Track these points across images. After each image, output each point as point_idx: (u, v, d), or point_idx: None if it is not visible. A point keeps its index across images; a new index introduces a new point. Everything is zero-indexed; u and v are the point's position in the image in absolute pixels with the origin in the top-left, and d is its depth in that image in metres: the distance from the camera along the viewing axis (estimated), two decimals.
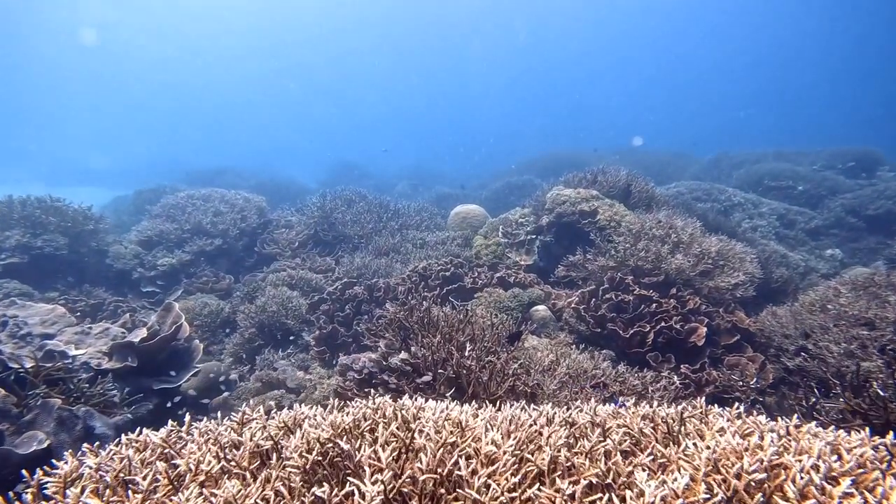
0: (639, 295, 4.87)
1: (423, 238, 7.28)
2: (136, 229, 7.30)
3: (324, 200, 8.66)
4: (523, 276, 5.47)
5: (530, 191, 14.87)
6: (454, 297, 5.23)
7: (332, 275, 7.10)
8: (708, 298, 4.99)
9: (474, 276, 5.42)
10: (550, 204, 6.30)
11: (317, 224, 8.10)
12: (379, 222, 7.99)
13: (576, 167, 19.38)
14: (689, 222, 5.80)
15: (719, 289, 5.03)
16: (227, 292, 6.95)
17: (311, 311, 5.77)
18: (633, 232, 5.57)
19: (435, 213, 9.38)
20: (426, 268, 5.71)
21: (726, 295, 5.00)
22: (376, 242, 7.40)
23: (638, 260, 5.16)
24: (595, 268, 5.41)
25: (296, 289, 6.29)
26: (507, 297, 4.97)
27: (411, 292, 5.46)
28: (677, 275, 5.03)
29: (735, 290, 5.03)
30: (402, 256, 6.97)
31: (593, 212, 5.98)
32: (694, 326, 4.42)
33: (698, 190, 10.91)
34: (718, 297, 5.00)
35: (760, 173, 11.99)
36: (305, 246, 7.90)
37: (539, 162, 21.22)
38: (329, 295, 5.71)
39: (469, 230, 7.51)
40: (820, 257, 8.52)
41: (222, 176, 23.51)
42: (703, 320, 4.55)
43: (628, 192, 6.57)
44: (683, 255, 5.20)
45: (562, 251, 6.19)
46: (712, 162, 15.52)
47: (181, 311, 5.90)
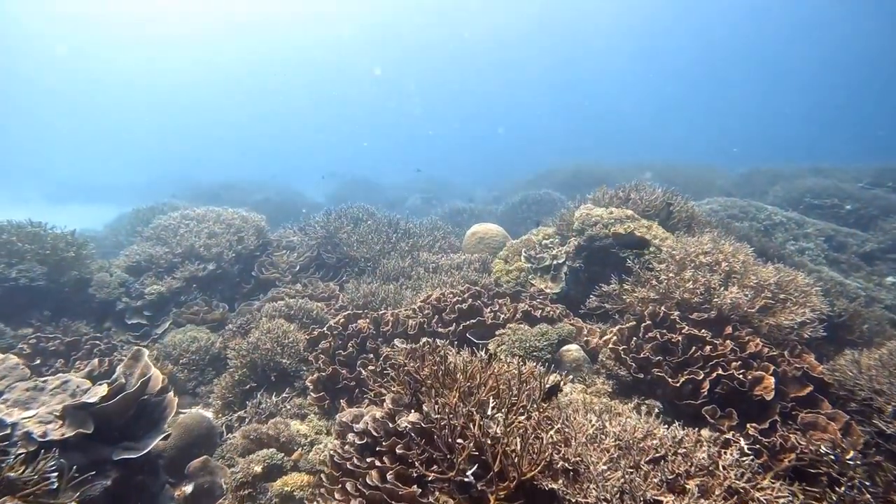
0: (688, 334, 4.28)
1: (437, 261, 6.77)
2: (124, 253, 6.90)
3: (328, 219, 8.21)
4: (550, 309, 4.92)
5: (549, 205, 14.36)
6: (472, 333, 4.69)
7: (335, 303, 6.62)
8: (768, 338, 4.40)
9: (495, 310, 4.88)
10: (579, 225, 5.76)
11: (320, 245, 7.64)
12: (387, 243, 7.50)
13: (596, 181, 18.83)
14: (739, 247, 5.22)
15: (782, 328, 4.43)
16: (221, 322, 6.49)
17: (310, 347, 5.27)
18: (676, 258, 5.00)
19: (449, 231, 8.88)
20: (440, 298, 5.18)
21: (790, 335, 4.39)
22: (384, 266, 6.90)
23: (685, 292, 4.59)
24: (633, 300, 4.84)
25: (294, 320, 5.80)
26: (533, 335, 4.42)
27: (423, 328, 4.93)
28: (732, 311, 4.44)
29: (802, 329, 4.42)
30: (413, 282, 6.46)
31: (629, 234, 5.42)
32: (759, 376, 3.83)
33: (734, 207, 10.30)
34: (781, 338, 4.39)
35: (801, 190, 11.34)
36: (307, 270, 7.44)
37: (557, 174, 20.72)
38: (330, 330, 5.20)
39: (487, 252, 6.99)
40: (880, 285, 7.83)
41: (228, 191, 23.43)
42: (768, 367, 3.95)
43: (668, 213, 6.00)
44: (738, 287, 4.61)
45: (593, 278, 5.63)
46: (744, 177, 14.88)
47: (168, 345, 5.43)
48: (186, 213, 7.56)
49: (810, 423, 3.60)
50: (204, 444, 3.93)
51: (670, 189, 6.47)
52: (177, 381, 5.21)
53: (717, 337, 4.34)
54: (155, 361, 4.90)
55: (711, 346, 4.18)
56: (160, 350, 5.42)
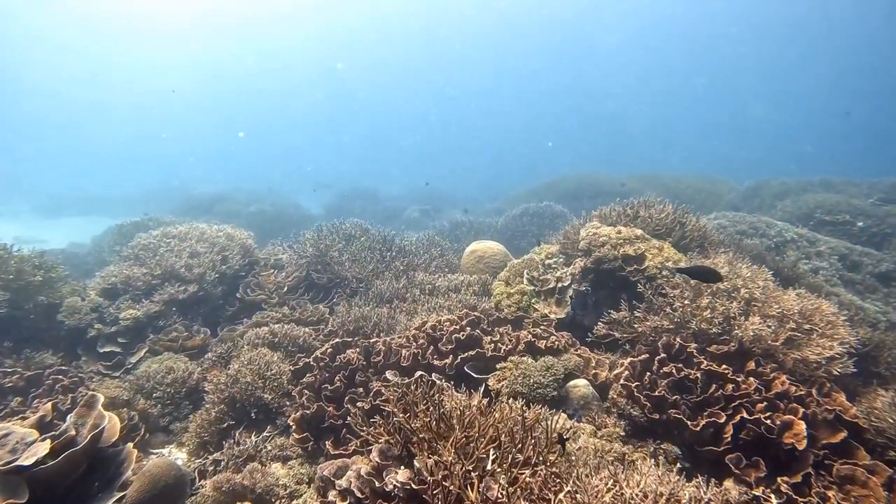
0: (707, 370, 3.95)
1: (433, 282, 6.45)
2: (100, 275, 6.57)
3: (318, 235, 7.90)
4: (556, 339, 4.59)
5: (550, 219, 14.06)
6: (471, 367, 4.35)
7: (324, 327, 6.28)
8: (793, 374, 4.07)
9: (495, 340, 4.54)
10: (586, 244, 5.45)
11: (309, 264, 7.31)
12: (381, 262, 7.18)
13: (599, 193, 18.60)
14: (758, 271, 4.91)
15: (808, 363, 4.10)
16: (202, 349, 6.16)
17: (294, 379, 4.93)
18: (690, 284, 4.68)
19: (446, 248, 8.57)
20: (435, 326, 4.85)
21: (818, 371, 4.06)
22: (377, 287, 6.58)
23: (702, 322, 4.27)
24: (646, 329, 4.52)
25: (279, 348, 5.47)
26: (537, 369, 4.08)
27: (417, 359, 4.60)
28: (753, 343, 4.11)
29: (830, 365, 4.09)
30: (408, 305, 6.14)
31: (640, 256, 5.11)
32: (788, 421, 3.49)
33: (742, 223, 10.00)
34: (808, 374, 4.06)
35: (811, 205, 11.05)
36: (296, 291, 7.11)
37: (559, 185, 20.46)
38: (316, 361, 4.86)
39: (487, 273, 6.67)
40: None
41: (221, 203, 23.18)
42: (797, 409, 3.62)
43: (682, 233, 5.69)
44: (760, 316, 4.29)
45: (601, 303, 5.32)
46: (751, 190, 14.60)
47: (141, 376, 5.09)
48: (168, 230, 7.24)
49: (847, 477, 3.26)
50: (172, 497, 3.57)
51: (681, 206, 6.16)
52: (149, 417, 4.86)
53: (739, 373, 4.02)
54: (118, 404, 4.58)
55: (733, 385, 3.85)
56: (132, 383, 5.08)
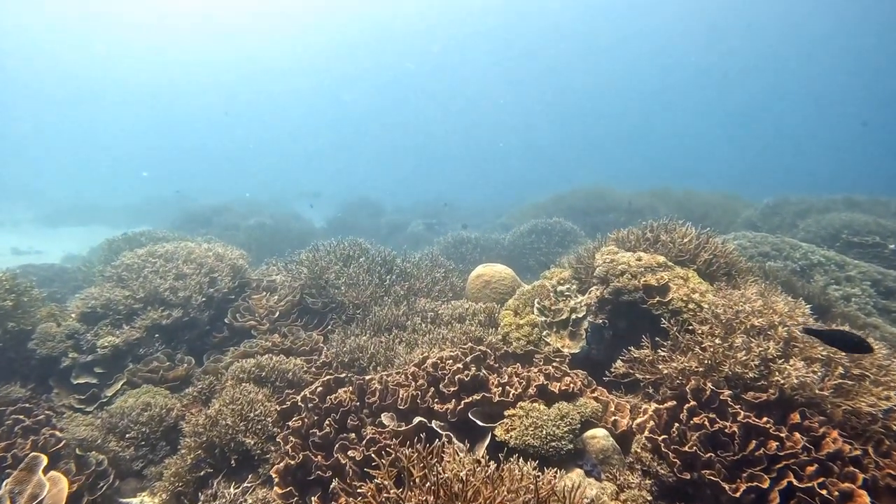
0: (745, 423, 3.53)
1: (435, 310, 6.06)
2: (79, 297, 6.22)
3: (314, 256, 7.53)
4: (570, 381, 4.18)
5: (560, 236, 13.66)
6: (476, 412, 3.95)
7: (318, 358, 5.91)
8: (842, 427, 3.63)
9: (503, 382, 4.14)
10: (603, 271, 5.05)
11: (304, 288, 6.94)
12: (380, 286, 6.81)
13: (610, 208, 18.18)
14: (795, 306, 4.48)
15: (861, 415, 3.66)
16: (186, 380, 5.79)
17: (281, 420, 4.54)
18: (721, 319, 4.27)
19: (451, 269, 8.18)
20: (437, 364, 4.46)
21: (874, 426, 3.62)
22: (376, 315, 6.20)
23: (736, 364, 3.85)
24: (671, 371, 4.10)
25: (265, 384, 5.09)
26: (551, 418, 3.68)
27: (416, 401, 4.19)
28: (796, 392, 3.68)
29: (889, 418, 3.65)
30: (409, 335, 5.75)
31: (663, 287, 4.70)
32: (847, 490, 3.06)
33: (765, 244, 9.57)
34: (860, 428, 3.62)
35: (836, 225, 10.59)
36: (288, 316, 6.74)
37: (567, 199, 20.08)
38: (304, 402, 4.47)
39: (494, 299, 6.28)
40: None
41: (221, 215, 22.96)
42: (856, 475, 3.18)
43: (707, 257, 5.28)
44: (803, 360, 3.86)
45: (619, 336, 4.91)
46: (770, 207, 14.14)
47: (115, 413, 4.73)
48: (153, 250, 6.90)
49: None
50: None
51: (704, 231, 5.75)
52: (120, 461, 4.47)
53: (782, 425, 3.58)
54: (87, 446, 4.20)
55: (777, 442, 3.42)
56: (104, 420, 4.70)
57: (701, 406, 3.79)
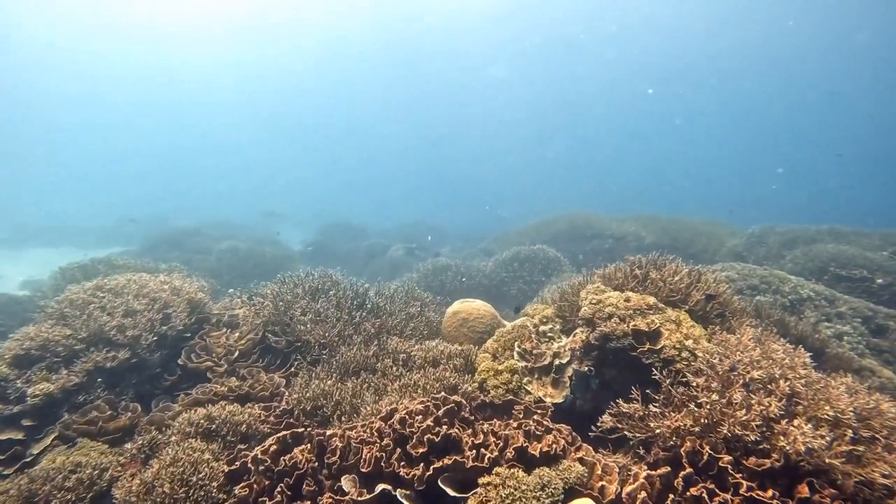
0: (748, 497, 3.15)
1: (408, 351, 5.65)
2: (14, 337, 5.68)
3: (280, 288, 7.08)
4: (553, 440, 3.77)
5: (544, 264, 13.37)
6: (447, 479, 3.52)
7: (278, 404, 5.44)
8: (853, 501, 3.28)
9: (478, 444, 3.72)
10: (589, 313, 4.70)
11: (267, 324, 6.48)
12: (350, 323, 6.37)
13: (595, 235, 17.98)
14: (796, 355, 4.17)
15: (874, 487, 3.31)
16: (130, 430, 5.26)
17: (229, 484, 4.05)
18: (717, 371, 3.93)
19: (427, 301, 7.79)
20: (405, 420, 4.03)
21: (889, 500, 3.27)
22: (343, 356, 5.77)
23: (735, 425, 3.48)
24: (664, 430, 3.73)
25: (216, 438, 4.61)
26: (530, 488, 3.27)
27: (380, 464, 3.75)
28: (801, 458, 3.33)
29: None
30: (378, 379, 5.33)
31: (654, 333, 4.37)
32: None
33: (753, 276, 9.36)
34: (874, 502, 3.27)
35: (824, 258, 10.46)
36: (249, 356, 6.27)
37: (551, 226, 19.87)
38: (255, 463, 3.99)
39: (472, 338, 5.89)
40: None
41: (193, 238, 22.37)
42: None
43: (706, 303, 4.97)
44: (806, 419, 3.53)
45: (607, 385, 4.55)
46: (756, 237, 14.07)
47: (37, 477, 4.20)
48: (102, 283, 6.38)
49: None
50: None
51: (697, 268, 5.47)
52: None
53: (789, 499, 3.22)
54: None
55: None
56: (22, 488, 4.15)
57: (697, 472, 3.42)
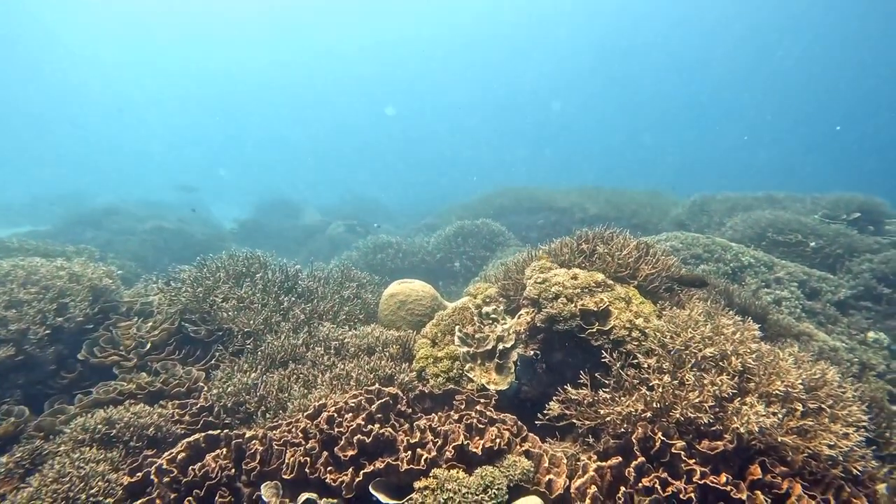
0: (702, 484, 2.97)
1: (341, 338, 5.21)
2: None
3: (199, 273, 6.43)
4: (496, 435, 3.48)
5: (488, 238, 13.13)
6: (379, 485, 3.16)
7: (196, 400, 4.90)
8: (800, 475, 3.18)
9: (414, 443, 3.37)
10: (535, 293, 4.42)
11: (183, 313, 5.85)
12: (277, 309, 5.84)
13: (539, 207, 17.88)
14: (746, 329, 4.05)
15: (821, 458, 3.22)
16: (15, 437, 4.58)
17: (128, 499, 3.54)
18: (668, 350, 3.74)
19: (366, 283, 7.32)
20: (333, 419, 3.62)
21: (835, 470, 3.20)
22: (270, 345, 5.25)
23: (688, 408, 3.30)
24: (615, 416, 3.51)
25: (116, 445, 4.03)
26: (471, 490, 2.96)
27: (304, 470, 3.34)
28: (754, 437, 3.18)
29: (850, 460, 3.24)
30: (308, 370, 4.88)
31: (603, 312, 4.13)
32: None
33: (697, 245, 9.45)
34: (819, 474, 3.18)
35: (762, 224, 10.74)
36: (163, 348, 5.64)
37: (495, 199, 19.67)
38: (159, 474, 3.49)
39: (410, 323, 5.52)
40: (864, 343, 7.05)
41: (113, 217, 20.76)
42: None
43: (652, 276, 4.79)
44: (758, 396, 3.39)
45: (554, 369, 4.30)
46: (696, 205, 14.37)
47: None
48: None
49: None
50: None
51: (644, 241, 5.30)
52: None
53: (740, 480, 3.07)
54: None
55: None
56: None
57: (650, 460, 3.22)
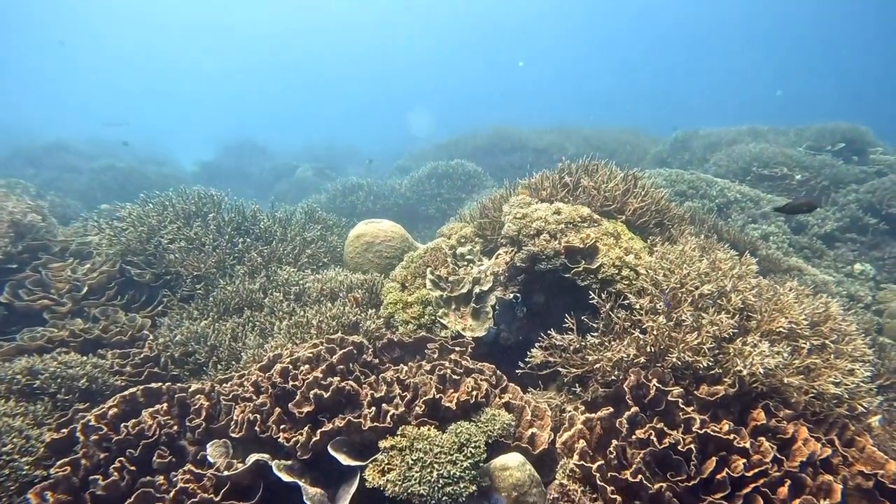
0: (702, 434, 2.66)
1: (302, 283, 4.72)
2: None
3: (143, 211, 5.77)
4: (473, 387, 3.10)
5: (464, 180, 12.53)
6: (340, 445, 2.77)
7: (141, 349, 4.42)
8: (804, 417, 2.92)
9: (379, 397, 2.97)
10: (514, 230, 3.97)
11: (124, 255, 5.26)
12: (232, 251, 5.29)
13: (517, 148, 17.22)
14: (744, 263, 3.71)
15: (825, 398, 2.95)
16: None
17: (54, 456, 3.09)
18: (662, 289, 3.37)
19: (332, 224, 6.77)
20: (287, 371, 3.19)
21: (839, 408, 2.94)
22: (222, 290, 4.74)
23: (686, 351, 2.96)
24: (604, 362, 3.16)
25: (41, 398, 3.55)
26: (444, 449, 2.60)
27: (254, 429, 2.93)
28: (756, 380, 2.87)
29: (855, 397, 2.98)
30: (265, 318, 4.41)
31: (590, 249, 3.72)
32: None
33: (681, 182, 9.11)
34: (823, 413, 2.92)
35: (747, 158, 10.41)
36: (103, 292, 5.07)
37: (470, 140, 18.86)
38: (86, 432, 3.04)
39: (379, 266, 5.05)
40: (851, 276, 6.91)
41: (56, 153, 19.21)
42: (833, 489, 2.44)
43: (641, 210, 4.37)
44: (760, 335, 3.07)
45: (536, 313, 3.93)
46: (678, 142, 13.94)
47: None
48: None
49: None
50: None
51: (633, 171, 4.86)
52: None
53: (742, 426, 2.78)
54: None
55: (743, 457, 2.59)
56: None
57: (644, 410, 2.89)
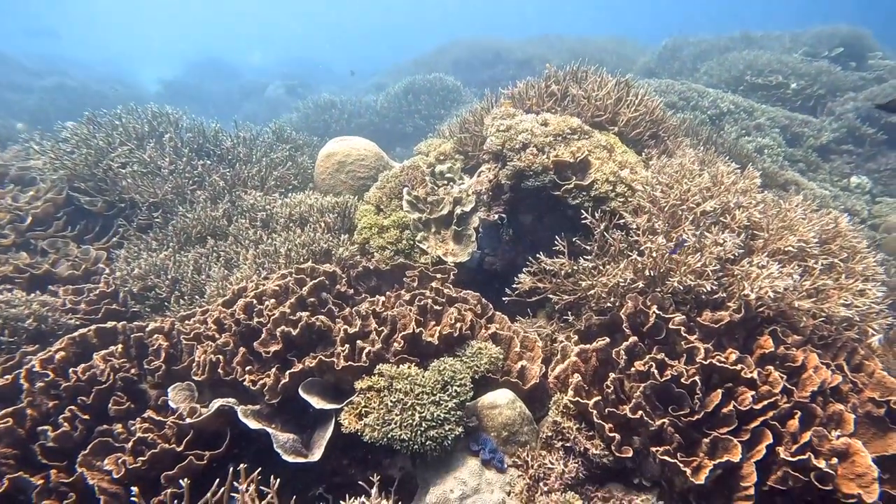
0: (706, 365, 2.44)
1: (269, 208, 4.29)
2: None
3: (90, 131, 5.16)
4: (456, 318, 2.81)
5: (442, 95, 11.75)
6: (311, 387, 2.49)
7: (97, 286, 4.04)
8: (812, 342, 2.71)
9: (353, 332, 2.66)
10: (497, 144, 3.55)
11: (71, 180, 4.73)
12: (191, 175, 4.78)
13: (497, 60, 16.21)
14: (748, 176, 3.37)
15: (833, 320, 2.74)
16: None
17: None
18: (661, 206, 3.03)
19: (301, 144, 6.24)
20: (252, 306, 2.85)
21: (850, 331, 2.73)
22: (182, 218, 4.30)
23: (687, 274, 2.67)
24: (598, 288, 2.88)
25: None
26: (427, 389, 2.36)
27: (217, 370, 2.63)
28: (763, 304, 2.62)
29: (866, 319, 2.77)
30: (230, 246, 4.02)
31: (581, 164, 3.33)
32: (841, 449, 2.13)
33: (671, 92, 8.59)
34: (830, 338, 2.71)
35: (740, 66, 9.82)
36: (49, 223, 4.60)
37: (448, 52, 17.77)
38: (30, 378, 2.72)
39: (352, 187, 4.61)
40: (847, 189, 6.66)
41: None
42: (845, 418, 2.27)
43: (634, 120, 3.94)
44: (768, 255, 2.79)
45: (523, 235, 3.59)
46: (668, 51, 13.15)
47: None
48: None
49: None
50: None
51: (626, 77, 4.37)
52: None
53: (748, 354, 2.56)
54: None
55: (751, 387, 2.38)
56: None
57: (642, 339, 2.65)
